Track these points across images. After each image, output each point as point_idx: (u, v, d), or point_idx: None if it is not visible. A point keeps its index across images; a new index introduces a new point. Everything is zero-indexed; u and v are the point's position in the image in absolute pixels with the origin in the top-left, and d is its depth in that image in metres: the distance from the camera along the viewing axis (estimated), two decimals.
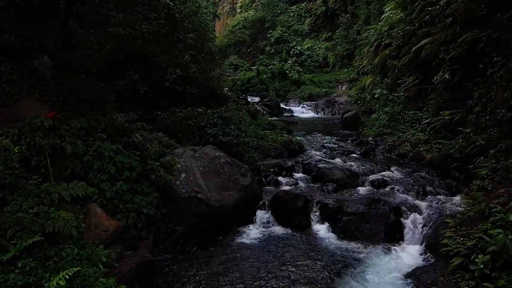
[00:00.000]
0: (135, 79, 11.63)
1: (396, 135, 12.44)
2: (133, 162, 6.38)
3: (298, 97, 25.04)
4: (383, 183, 8.46)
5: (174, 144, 8.07)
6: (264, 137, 11.43)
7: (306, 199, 7.33)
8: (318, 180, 8.80)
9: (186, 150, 7.81)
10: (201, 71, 14.00)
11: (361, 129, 15.05)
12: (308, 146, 11.96)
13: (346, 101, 21.76)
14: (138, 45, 11.86)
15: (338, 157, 10.80)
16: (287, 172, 9.35)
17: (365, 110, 16.98)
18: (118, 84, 11.79)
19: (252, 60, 35.19)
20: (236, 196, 7.21)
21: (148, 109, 11.86)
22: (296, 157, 10.64)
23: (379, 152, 11.47)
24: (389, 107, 13.86)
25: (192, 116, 9.10)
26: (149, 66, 12.41)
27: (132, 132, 7.44)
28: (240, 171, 7.72)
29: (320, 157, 10.68)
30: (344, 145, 12.50)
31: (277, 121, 16.82)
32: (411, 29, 14.36)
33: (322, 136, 13.79)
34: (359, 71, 25.89)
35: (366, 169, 9.65)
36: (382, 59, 18.35)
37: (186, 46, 13.84)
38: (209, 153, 7.72)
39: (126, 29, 11.72)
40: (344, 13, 30.79)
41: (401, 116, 13.24)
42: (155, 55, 12.50)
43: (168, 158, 7.19)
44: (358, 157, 11.00)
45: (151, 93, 12.18)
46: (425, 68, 13.19)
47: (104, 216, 5.57)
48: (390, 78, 16.94)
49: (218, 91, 15.17)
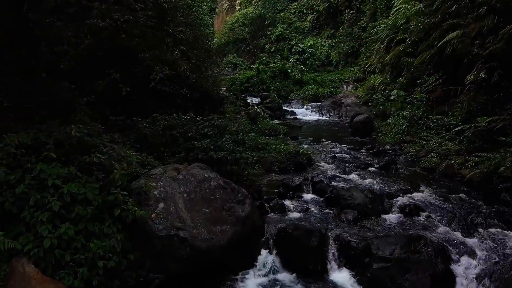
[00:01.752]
0: (116, 78, 9.96)
1: (419, 143, 10.73)
2: (88, 192, 4.66)
3: (301, 98, 23.34)
4: (415, 209, 6.75)
5: (152, 162, 6.36)
6: (266, 147, 9.73)
7: (321, 235, 5.62)
8: (333, 205, 7.09)
9: (167, 170, 6.09)
10: (193, 69, 12.27)
11: (375, 135, 13.33)
12: (316, 157, 10.25)
13: (353, 103, 20.08)
14: (121, 39, 10.18)
15: (353, 172, 9.09)
16: (294, 193, 7.64)
17: (378, 113, 15.26)
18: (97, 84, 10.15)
19: (251, 58, 33.62)
20: (231, 232, 5.51)
21: (131, 114, 10.23)
22: (304, 172, 8.92)
23: (400, 165, 9.76)
24: (408, 111, 12.13)
25: (177, 124, 7.39)
26: (132, 64, 10.71)
27: (96, 148, 5.73)
28: (236, 197, 6.01)
29: (333, 172, 8.96)
30: (358, 155, 10.79)
31: (279, 125, 15.11)
32: (433, 21, 12.64)
33: (332, 144, 12.07)
34: (365, 70, 24.31)
35: (389, 187, 7.94)
36: (395, 56, 16.64)
37: (177, 41, 12.11)
38: (196, 174, 6.00)
39: (106, 21, 10.04)
40: (348, 9, 29.21)
41: (422, 121, 11.52)
42: (140, 50, 10.78)
43: (142, 183, 5.47)
44: (377, 171, 9.29)
45: (134, 95, 10.51)
46: (451, 65, 11.49)
47: (38, 277, 3.86)
48: (405, 78, 15.25)
49: (214, 92, 13.45)
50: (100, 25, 9.99)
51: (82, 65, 10.26)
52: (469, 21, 10.20)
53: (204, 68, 14.31)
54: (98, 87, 10.16)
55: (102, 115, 10.05)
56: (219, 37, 36.61)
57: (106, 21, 9.99)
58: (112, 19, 10.05)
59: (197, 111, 12.49)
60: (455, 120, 10.39)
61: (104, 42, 10.36)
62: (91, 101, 10.03)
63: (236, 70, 31.02)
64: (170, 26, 11.94)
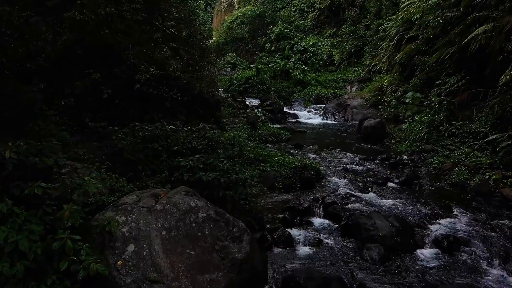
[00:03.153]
0: (96, 79, 8.70)
1: (442, 153, 9.39)
2: (22, 240, 3.32)
3: (303, 99, 22.01)
4: (455, 242, 5.41)
5: (123, 187, 5.00)
6: (267, 158, 8.39)
7: (343, 286, 4.29)
8: (351, 235, 5.75)
9: (142, 197, 4.75)
10: (185, 69, 10.93)
11: (388, 142, 11.99)
12: (326, 169, 8.91)
13: (360, 105, 18.76)
14: (103, 35, 8.89)
15: (370, 189, 7.75)
16: (302, 218, 6.29)
17: (389, 117, 13.93)
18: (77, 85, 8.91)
19: (251, 58, 32.38)
20: (223, 283, 4.18)
21: (113, 120, 8.95)
22: (312, 190, 7.57)
23: (424, 179, 8.43)
24: (427, 115, 10.78)
25: (160, 135, 6.04)
26: (115, 63, 9.39)
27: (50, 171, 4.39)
28: (231, 232, 4.68)
29: (346, 189, 7.62)
30: (372, 166, 9.44)
31: (281, 130, 13.76)
32: (453, 15, 11.31)
33: (341, 153, 10.73)
34: (370, 69, 23.10)
35: (417, 211, 6.59)
36: (406, 55, 15.31)
37: (167, 37, 10.77)
38: (180, 204, 4.66)
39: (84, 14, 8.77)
40: (351, 7, 27.97)
41: (444, 127, 10.18)
42: (124, 48, 9.45)
43: (106, 218, 4.12)
44: (397, 187, 7.95)
45: (117, 98, 9.23)
46: (475, 64, 10.16)
47: None
48: (419, 78, 13.92)
49: (209, 94, 12.10)
50: (77, 18, 8.72)
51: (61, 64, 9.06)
52: (500, 14, 8.88)
53: (198, 67, 12.97)
54: (77, 89, 8.90)
55: (80, 122, 8.78)
56: (218, 36, 35.31)
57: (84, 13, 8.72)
58: (94, 12, 8.77)
59: (190, 116, 11.18)
60: (483, 126, 9.06)
61: (85, 38, 9.10)
62: (69, 104, 8.82)
63: (234, 70, 29.72)
64: (158, 20, 10.59)
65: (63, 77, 8.89)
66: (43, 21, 9.35)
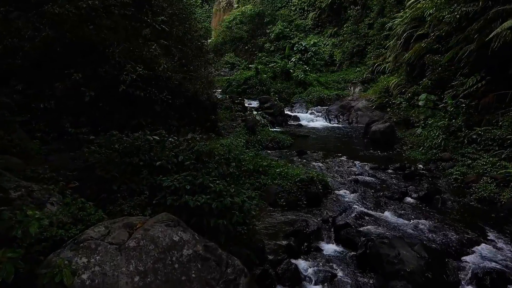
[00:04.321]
0: (78, 79, 7.78)
1: (462, 162, 8.41)
2: None
3: (304, 101, 21.01)
4: (499, 280, 4.43)
5: (91, 214, 4.00)
6: (268, 169, 7.39)
7: None
8: (371, 268, 4.76)
9: (111, 229, 3.75)
10: (177, 69, 9.94)
11: (399, 149, 10.99)
12: (333, 181, 7.92)
13: (365, 107, 17.78)
14: (87, 31, 7.96)
15: (386, 205, 6.77)
16: (310, 244, 5.31)
17: (399, 120, 12.94)
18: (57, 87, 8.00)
19: (250, 58, 31.45)
20: None
21: (97, 125, 8.04)
22: (320, 207, 6.58)
23: (445, 193, 7.44)
24: (443, 119, 9.79)
25: (141, 147, 5.04)
26: (99, 62, 8.44)
27: None
28: (224, 274, 3.70)
29: (359, 206, 6.63)
30: (385, 177, 8.46)
31: (282, 134, 12.76)
32: (470, 10, 10.34)
33: (349, 161, 9.73)
34: (374, 69, 22.15)
35: (445, 235, 5.59)
36: (415, 54, 14.33)
37: (157, 34, 9.78)
38: (159, 238, 3.67)
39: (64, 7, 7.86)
40: (353, 5, 27.07)
41: (463, 133, 9.20)
42: (108, 45, 8.49)
43: (58, 263, 3.13)
44: (417, 203, 6.97)
45: (101, 101, 8.30)
46: (496, 64, 9.21)
47: None
48: (430, 79, 12.95)
49: (204, 96, 11.12)
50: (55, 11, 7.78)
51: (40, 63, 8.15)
52: None
53: (193, 67, 11.99)
54: (57, 91, 7.96)
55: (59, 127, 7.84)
56: (216, 36, 34.35)
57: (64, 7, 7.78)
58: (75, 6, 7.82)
59: (183, 121, 10.20)
60: (510, 133, 8.09)
61: (65, 34, 8.17)
62: (49, 108, 7.89)
63: (233, 70, 28.76)
64: (148, 15, 9.60)
65: (42, 78, 7.98)
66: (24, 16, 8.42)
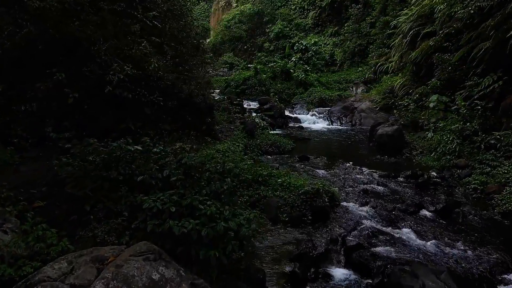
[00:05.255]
0: (61, 80, 7.08)
1: (481, 170, 7.69)
2: None
3: (305, 102, 20.24)
4: None
5: (53, 245, 3.26)
6: (269, 179, 6.66)
7: None
8: None
9: (76, 266, 3.01)
10: (170, 68, 9.21)
11: (408, 153, 10.25)
12: (340, 190, 7.19)
13: (369, 108, 17.05)
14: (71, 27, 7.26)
15: (400, 221, 6.04)
16: (318, 268, 4.59)
17: (406, 123, 12.21)
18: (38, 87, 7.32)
19: (249, 58, 30.76)
20: None
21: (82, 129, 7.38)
22: (327, 223, 5.85)
23: (465, 205, 6.71)
24: (457, 123, 9.07)
25: (121, 159, 4.30)
26: (83, 60, 7.74)
27: None
28: None
29: (371, 222, 5.91)
30: (396, 186, 7.73)
31: (283, 138, 12.00)
32: (485, 5, 9.63)
33: (355, 168, 8.99)
34: (376, 69, 21.44)
35: (472, 258, 4.88)
36: (422, 53, 13.63)
37: (148, 30, 9.05)
38: (134, 278, 2.93)
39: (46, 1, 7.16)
40: (354, 4, 26.36)
41: (479, 137, 8.49)
42: (94, 42, 7.78)
43: None
44: (435, 218, 6.24)
45: (86, 103, 7.61)
46: None
47: None
48: (439, 79, 12.24)
49: (199, 98, 10.39)
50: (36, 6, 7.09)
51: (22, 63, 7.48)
52: None
53: (189, 67, 11.25)
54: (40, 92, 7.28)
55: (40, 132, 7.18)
56: (215, 35, 33.65)
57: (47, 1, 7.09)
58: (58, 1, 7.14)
59: (176, 124, 9.48)
60: None
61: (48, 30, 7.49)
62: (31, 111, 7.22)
63: (232, 70, 28.04)
64: (138, 10, 8.87)
65: (24, 78, 7.30)
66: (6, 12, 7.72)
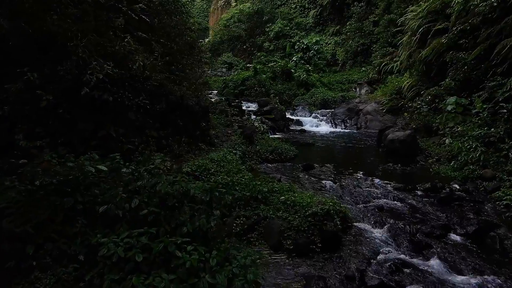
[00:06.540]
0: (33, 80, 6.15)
1: (510, 183, 6.74)
2: None
3: (307, 104, 19.33)
4: None
5: None
6: (270, 196, 5.70)
7: None
8: None
9: None
10: (159, 67, 8.25)
11: (423, 161, 9.28)
12: (352, 207, 6.23)
13: (375, 110, 16.09)
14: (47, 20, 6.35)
15: (427, 248, 5.06)
16: None
17: (419, 127, 11.25)
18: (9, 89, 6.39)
19: (248, 57, 29.88)
20: None
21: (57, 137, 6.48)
22: (340, 251, 4.89)
23: (498, 226, 5.75)
24: (480, 128, 8.12)
25: (80, 183, 3.33)
26: (59, 58, 6.79)
27: None
28: None
29: (391, 249, 4.95)
30: (415, 202, 6.75)
31: (285, 144, 10.98)
32: None
33: (366, 179, 8.02)
34: (381, 69, 20.55)
35: None
36: (433, 51, 12.68)
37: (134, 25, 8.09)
38: None
39: None
40: (357, 2, 25.48)
41: (507, 145, 7.54)
42: (71, 37, 6.84)
43: None
44: (466, 243, 5.28)
45: (61, 107, 6.68)
46: None
47: None
48: (453, 79, 11.29)
49: (193, 100, 9.44)
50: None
51: None
52: None
53: (182, 66, 10.30)
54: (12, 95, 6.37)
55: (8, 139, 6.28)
56: (213, 35, 32.73)
57: None
58: None
59: (165, 130, 8.52)
60: None
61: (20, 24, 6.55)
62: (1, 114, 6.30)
63: (231, 70, 27.12)
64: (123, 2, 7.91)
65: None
66: None
